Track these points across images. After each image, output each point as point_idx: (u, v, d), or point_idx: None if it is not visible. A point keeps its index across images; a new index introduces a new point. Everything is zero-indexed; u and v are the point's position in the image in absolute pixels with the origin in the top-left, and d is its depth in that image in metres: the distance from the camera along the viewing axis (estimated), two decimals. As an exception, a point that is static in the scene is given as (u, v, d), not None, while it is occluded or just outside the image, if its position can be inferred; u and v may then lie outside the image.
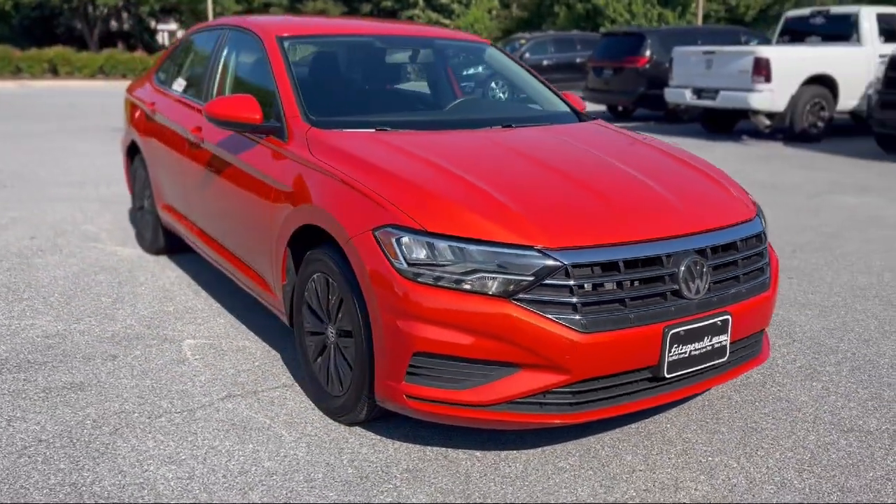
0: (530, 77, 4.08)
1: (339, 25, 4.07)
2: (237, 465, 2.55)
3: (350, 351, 2.68)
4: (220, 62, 3.96)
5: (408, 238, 2.41)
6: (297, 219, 2.88)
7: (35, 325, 3.79)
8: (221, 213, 3.60)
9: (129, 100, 5.21)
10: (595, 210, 2.56)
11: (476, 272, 2.34)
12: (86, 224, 5.86)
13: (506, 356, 2.33)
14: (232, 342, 3.61)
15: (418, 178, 2.63)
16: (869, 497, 2.39)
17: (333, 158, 2.85)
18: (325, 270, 2.76)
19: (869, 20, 12.05)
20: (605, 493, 2.41)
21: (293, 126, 3.13)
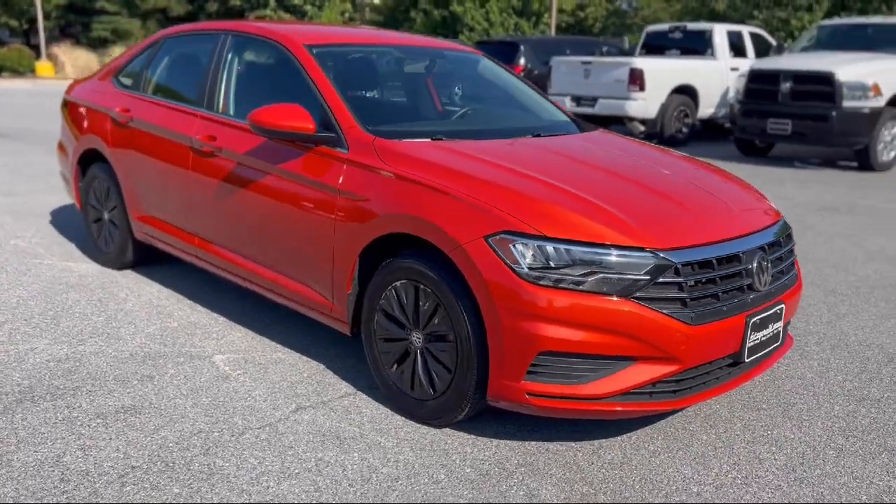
0: (525, 86, 4.30)
1: (354, 35, 4.06)
2: (355, 473, 2.57)
3: (448, 354, 2.76)
4: (225, 69, 3.85)
5: (527, 243, 2.54)
6: (377, 228, 2.92)
7: (36, 349, 3.52)
8: (251, 224, 3.51)
9: (79, 104, 4.88)
10: (678, 214, 2.81)
11: (595, 273, 2.52)
12: (13, 239, 5.40)
13: (623, 350, 2.53)
14: (264, 355, 3.54)
15: (514, 186, 2.77)
16: (910, 453, 2.81)
17: (415, 167, 2.92)
18: (414, 277, 2.83)
19: (721, 36, 13.34)
20: (705, 470, 2.67)
21: (353, 136, 3.15)
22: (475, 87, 4.28)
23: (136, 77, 4.52)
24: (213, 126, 3.75)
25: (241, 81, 3.82)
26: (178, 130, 3.93)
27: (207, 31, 4.18)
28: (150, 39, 4.60)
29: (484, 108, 4.14)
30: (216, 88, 3.85)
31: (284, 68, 3.57)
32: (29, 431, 2.77)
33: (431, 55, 4.23)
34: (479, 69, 4.35)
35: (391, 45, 4.08)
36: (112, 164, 4.46)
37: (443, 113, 3.89)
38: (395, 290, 2.92)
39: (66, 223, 5.90)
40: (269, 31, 3.74)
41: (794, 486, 2.58)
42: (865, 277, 5.11)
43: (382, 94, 3.85)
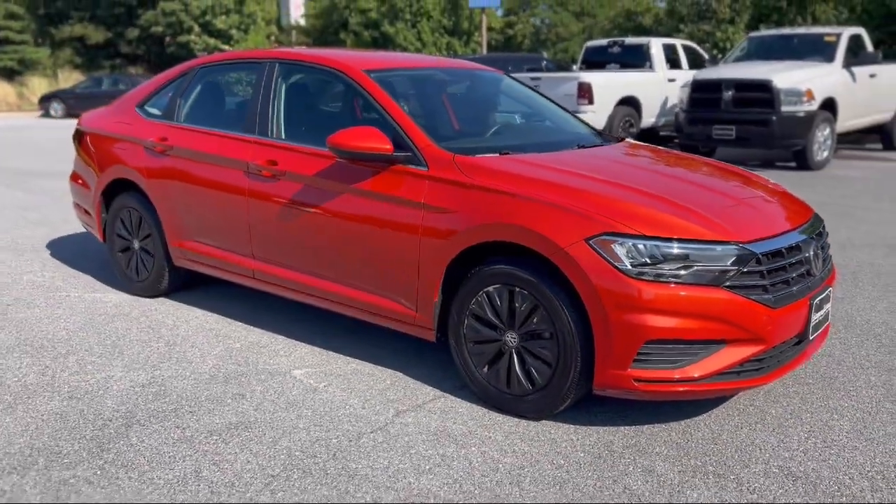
0: (547, 101, 4.60)
1: (401, 60, 4.26)
2: (482, 465, 2.77)
3: (548, 351, 3.00)
4: (276, 96, 3.99)
5: (627, 243, 2.81)
6: (469, 238, 3.13)
7: (113, 377, 3.56)
8: (321, 241, 3.66)
9: (99, 135, 4.90)
10: (745, 210, 3.14)
11: (690, 266, 2.80)
12: (25, 275, 5.34)
13: (718, 334, 2.82)
14: (340, 367, 3.69)
15: (602, 191, 3.04)
16: (951, 411, 3.20)
17: (501, 180, 3.15)
18: (508, 282, 3.05)
19: (657, 49, 14.06)
20: (787, 439, 2.98)
21: (430, 154, 3.36)
22: (509, 104, 4.54)
23: (168, 106, 4.58)
24: (272, 151, 3.88)
25: (298, 107, 3.97)
26: (230, 156, 4.04)
27: (249, 60, 4.31)
28: (180, 69, 4.67)
29: (524, 123, 4.41)
30: (269, 114, 3.98)
31: (346, 93, 3.75)
32: (153, 451, 2.86)
33: (469, 76, 4.48)
34: (503, 87, 4.62)
35: (434, 68, 4.31)
36: (148, 193, 4.51)
37: (490, 130, 4.14)
38: (488, 295, 3.14)
39: (69, 256, 5.85)
40: (324, 58, 3.91)
41: (868, 445, 2.92)
42: (845, 265, 5.60)
43: (438, 112, 4.07)
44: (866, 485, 2.65)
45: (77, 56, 36.72)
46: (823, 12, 16.27)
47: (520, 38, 29.74)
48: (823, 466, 2.77)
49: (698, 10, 18.00)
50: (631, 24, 19.67)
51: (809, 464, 2.79)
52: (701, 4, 17.91)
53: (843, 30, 12.00)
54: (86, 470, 2.72)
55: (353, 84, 3.73)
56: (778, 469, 2.75)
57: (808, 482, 2.66)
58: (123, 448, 2.89)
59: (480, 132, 4.10)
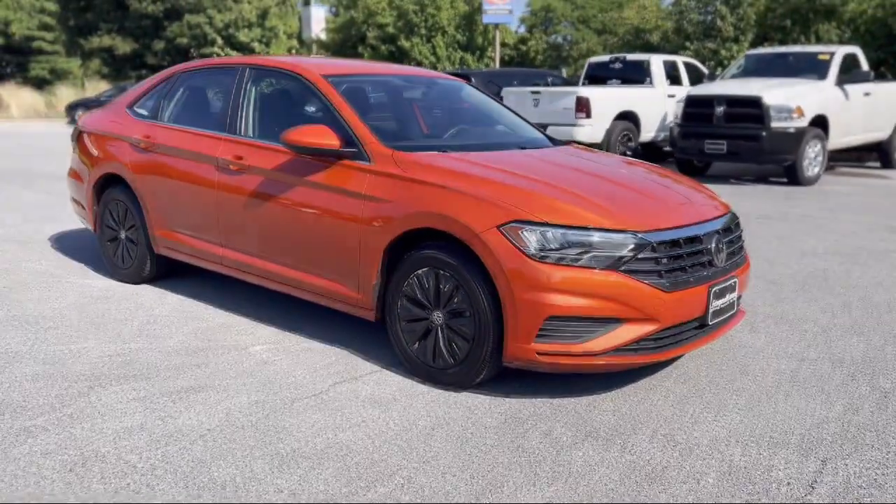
0: (505, 109, 4.94)
1: (361, 67, 4.64)
2: (398, 426, 3.09)
3: (467, 328, 3.32)
4: (247, 98, 4.37)
5: (533, 230, 3.13)
6: (403, 224, 3.47)
7: (87, 348, 3.94)
8: (279, 229, 4.02)
9: (94, 133, 5.32)
10: (650, 204, 3.46)
11: (589, 252, 3.12)
12: (25, 263, 5.76)
13: (614, 313, 3.13)
14: (296, 345, 4.03)
15: (517, 185, 3.37)
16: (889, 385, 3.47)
17: (432, 174, 3.50)
18: (435, 265, 3.39)
19: (658, 65, 14.36)
20: (682, 412, 3.27)
21: (374, 150, 3.72)
22: (464, 109, 4.89)
23: (154, 107, 4.99)
24: (239, 147, 4.26)
25: (264, 108, 4.36)
26: (203, 152, 4.43)
27: (224, 66, 4.71)
28: (164, 74, 5.09)
29: (474, 127, 4.76)
30: (239, 115, 4.37)
31: (305, 96, 4.13)
32: (108, 408, 3.22)
33: (426, 83, 4.85)
34: (463, 95, 4.97)
35: (392, 75, 4.68)
36: (132, 186, 4.92)
37: (440, 131, 4.49)
38: (418, 278, 3.47)
39: (69, 248, 6.27)
40: (289, 64, 4.31)
41: (753, 419, 3.20)
42: (800, 270, 5.86)
43: (390, 114, 4.43)
44: (738, 451, 2.93)
45: (105, 66, 37.72)
46: (826, 31, 16.49)
47: (533, 55, 30.22)
48: (705, 435, 3.06)
49: (704, 28, 18.29)
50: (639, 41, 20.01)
51: (694, 433, 3.08)
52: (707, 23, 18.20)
53: (838, 48, 12.22)
54: (46, 421, 3.09)
55: (311, 87, 4.10)
56: (663, 436, 3.04)
57: (685, 448, 2.95)
58: (83, 405, 3.25)
59: (433, 134, 4.45)
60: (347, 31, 31.09)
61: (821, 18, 16.21)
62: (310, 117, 4.19)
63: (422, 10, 28.35)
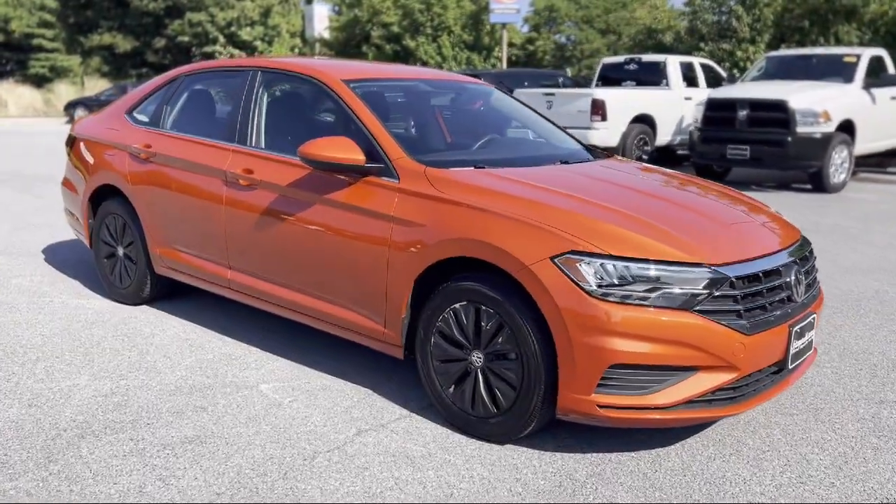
0: (537, 116, 4.51)
1: (384, 70, 4.20)
2: (437, 490, 2.66)
3: (513, 372, 2.89)
4: (257, 105, 3.94)
5: (593, 262, 2.70)
6: (436, 252, 3.03)
7: (78, 385, 3.51)
8: (294, 252, 3.59)
9: (90, 140, 4.89)
10: (722, 231, 3.02)
11: (658, 288, 2.69)
12: (14, 278, 5.33)
13: (687, 361, 2.70)
14: (309, 382, 3.60)
15: (571, 208, 2.94)
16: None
17: (471, 194, 3.06)
18: (475, 299, 2.95)
19: (674, 67, 13.92)
20: (761, 472, 2.83)
21: (403, 165, 3.28)
22: (494, 118, 4.45)
23: (154, 113, 4.56)
24: (249, 159, 3.82)
25: (276, 116, 3.92)
26: (209, 164, 3.99)
27: (231, 69, 4.27)
28: (167, 77, 4.65)
29: (507, 138, 4.32)
30: (249, 123, 3.93)
31: (323, 103, 3.70)
32: (101, 465, 2.78)
33: (455, 88, 4.41)
34: (492, 101, 4.54)
35: (419, 80, 4.24)
36: (131, 199, 4.48)
37: (469, 142, 4.05)
38: (454, 313, 3.04)
39: (62, 261, 5.84)
40: (304, 67, 3.86)
41: (846, 483, 2.77)
42: (849, 291, 5.42)
43: (417, 124, 3.99)
44: (838, 525, 2.51)
45: (105, 64, 37.29)
46: (846, 33, 16.04)
47: (540, 55, 29.76)
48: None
49: (719, 28, 17.84)
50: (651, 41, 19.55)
51: (780, 501, 2.65)
52: (722, 23, 17.75)
53: (864, 50, 11.78)
54: (28, 481, 2.66)
55: (330, 93, 3.66)
56: (746, 505, 2.62)
57: (776, 520, 2.53)
58: (72, 460, 2.82)
59: (463, 146, 4.02)
60: (351, 30, 30.65)
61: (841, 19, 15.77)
62: (328, 127, 3.75)
63: (428, 9, 27.90)
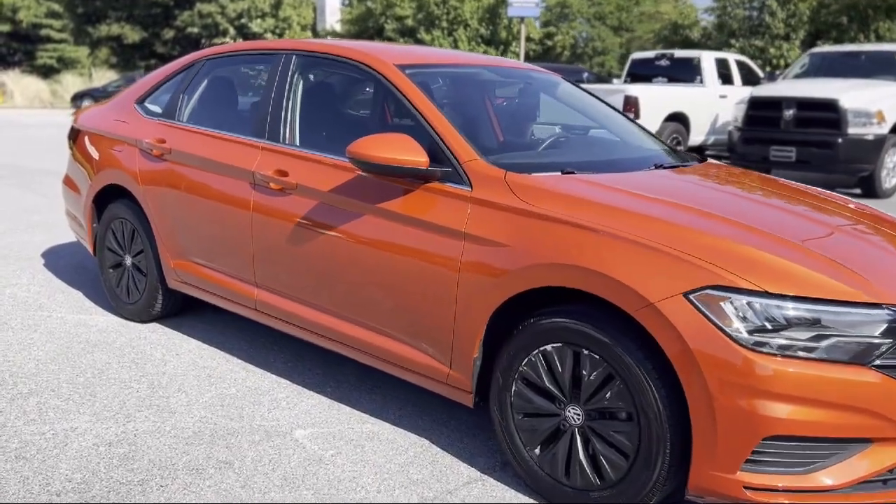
0: (610, 110, 3.90)
1: (440, 55, 3.57)
2: None
3: (625, 437, 2.27)
4: (292, 94, 3.32)
5: (741, 300, 2.08)
6: (522, 280, 2.42)
7: (77, 429, 2.90)
8: (336, 271, 2.98)
9: (94, 134, 4.29)
10: (891, 261, 2.39)
11: (826, 336, 2.06)
12: (8, 287, 4.73)
13: (861, 431, 2.08)
14: (352, 428, 2.99)
15: (701, 227, 2.32)
16: None
17: (570, 206, 2.44)
18: (573, 341, 2.34)
19: (709, 63, 13.25)
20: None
21: (475, 169, 2.67)
22: (562, 111, 3.84)
23: (169, 103, 3.94)
24: (282, 159, 3.21)
25: (315, 108, 3.30)
26: (234, 164, 3.38)
27: (261, 52, 3.65)
28: (183, 62, 4.03)
29: (579, 136, 3.71)
30: (282, 116, 3.31)
31: (373, 93, 3.08)
32: (102, 549, 2.18)
33: (522, 77, 3.79)
34: (559, 93, 3.92)
35: (480, 66, 3.61)
36: (141, 203, 3.87)
37: (540, 140, 3.43)
38: (544, 356, 2.43)
39: (62, 268, 5.24)
40: (349, 50, 3.23)
41: None
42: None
43: (482, 119, 3.37)
44: None
45: (113, 55, 36.75)
46: (888, 30, 15.33)
47: (559, 50, 29.04)
48: None
49: (750, 24, 17.14)
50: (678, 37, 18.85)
51: None
52: (753, 19, 17.06)
53: (917, 47, 11.12)
54: (7, 576, 2.06)
55: (382, 81, 3.03)
56: None
57: None
58: (65, 540, 2.22)
59: (532, 145, 3.40)
60: (364, 23, 29.99)
61: (881, 15, 15.07)
62: (380, 122, 3.14)
63: (443, 2, 27.18)
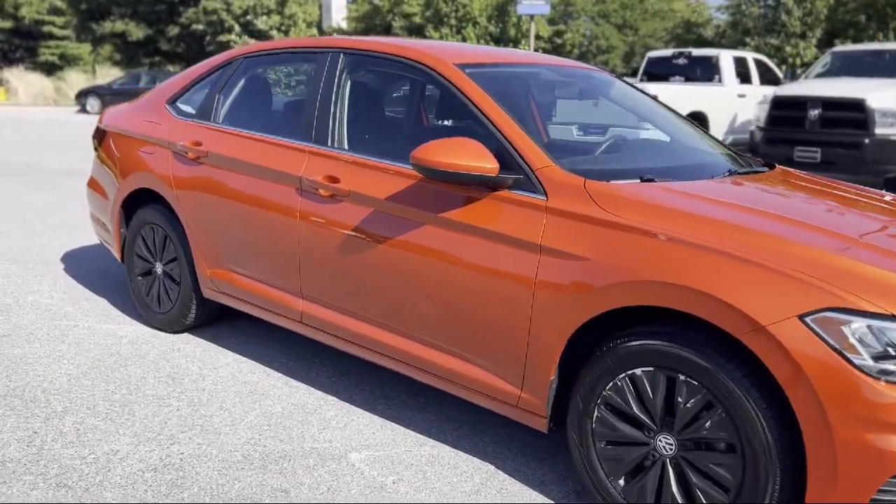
0: (668, 111, 3.73)
1: (497, 54, 3.38)
2: None
3: (726, 470, 2.09)
4: (340, 95, 3.14)
5: (864, 324, 1.90)
6: (609, 298, 2.24)
7: (118, 452, 2.72)
8: (394, 284, 2.80)
9: (122, 135, 4.10)
10: None
11: (961, 365, 1.89)
12: (30, 295, 4.55)
13: None
14: (412, 450, 2.81)
15: (808, 242, 2.14)
16: None
17: (661, 218, 2.26)
18: (668, 365, 2.16)
19: (727, 62, 13.06)
20: None
21: (550, 176, 2.49)
22: (617, 112, 3.66)
23: (204, 104, 3.76)
24: (332, 164, 3.03)
25: (367, 110, 3.12)
26: (279, 168, 3.20)
27: (305, 50, 3.46)
28: (220, 59, 3.85)
29: (636, 139, 3.53)
30: (329, 118, 3.13)
31: (430, 94, 2.90)
32: (161, 592, 2.00)
33: (584, 77, 3.60)
34: (613, 94, 3.74)
35: (540, 65, 3.43)
36: (175, 208, 3.69)
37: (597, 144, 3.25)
38: (633, 381, 2.25)
39: (84, 273, 5.06)
40: (403, 48, 3.05)
41: None
42: None
43: (546, 122, 3.19)
44: None
45: (117, 52, 36.53)
46: (907, 29, 15.15)
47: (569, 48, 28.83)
48: None
49: (765, 23, 16.93)
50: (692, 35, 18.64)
51: None
52: (768, 17, 16.85)
53: (943, 47, 10.93)
54: None
55: (441, 82, 2.85)
56: None
57: None
58: (119, 582, 2.04)
59: (587, 149, 3.22)
60: (371, 21, 29.79)
61: (900, 14, 14.89)
62: (440, 126, 2.96)
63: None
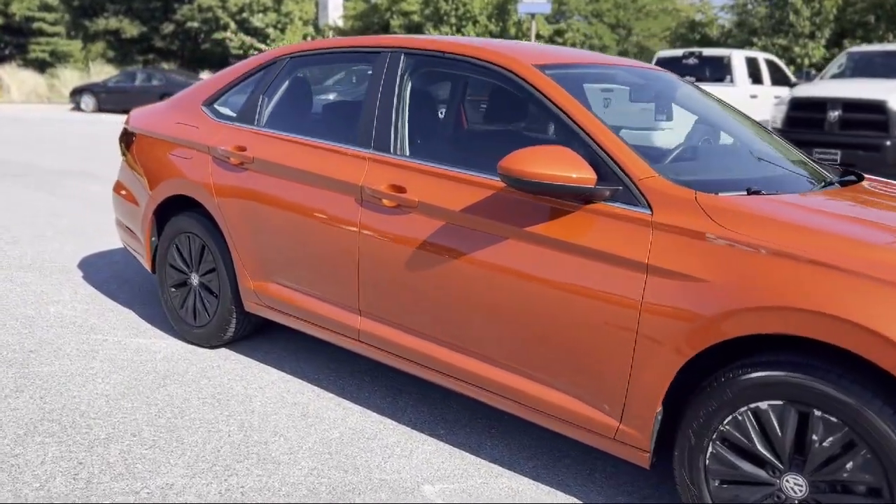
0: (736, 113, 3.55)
1: (571, 54, 3.18)
2: None
3: (868, 513, 1.90)
4: (402, 99, 2.92)
5: None
6: (731, 324, 2.04)
7: (173, 486, 2.50)
8: (472, 304, 2.59)
9: (154, 138, 3.88)
10: None
11: None
12: (52, 305, 4.31)
13: None
14: (487, 483, 2.60)
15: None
16: None
17: (790, 236, 2.06)
18: (800, 398, 1.96)
19: (740, 62, 12.91)
20: None
21: (655, 188, 2.29)
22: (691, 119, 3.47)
23: (246, 106, 3.53)
24: (397, 172, 2.82)
25: (434, 115, 2.90)
26: (336, 176, 2.98)
27: (360, 49, 3.24)
28: (261, 60, 3.62)
29: (706, 146, 3.35)
30: (391, 123, 2.91)
31: (506, 98, 2.70)
32: None
33: (659, 80, 3.42)
34: (679, 96, 3.57)
35: (617, 67, 3.23)
36: (216, 217, 3.47)
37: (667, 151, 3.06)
38: (756, 415, 2.05)
39: (104, 281, 4.82)
40: (473, 48, 2.83)
41: None
42: None
43: (635, 129, 2.99)
44: None
45: (110, 50, 36.08)
46: (917, 30, 15.04)
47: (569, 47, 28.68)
48: None
49: (773, 23, 16.79)
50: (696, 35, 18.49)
51: None
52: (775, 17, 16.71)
53: (961, 48, 10.80)
54: None
55: (521, 84, 2.64)
56: None
57: None
58: None
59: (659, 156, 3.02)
60: (368, 19, 29.51)
61: (910, 15, 14.77)
62: (519, 132, 2.75)
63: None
